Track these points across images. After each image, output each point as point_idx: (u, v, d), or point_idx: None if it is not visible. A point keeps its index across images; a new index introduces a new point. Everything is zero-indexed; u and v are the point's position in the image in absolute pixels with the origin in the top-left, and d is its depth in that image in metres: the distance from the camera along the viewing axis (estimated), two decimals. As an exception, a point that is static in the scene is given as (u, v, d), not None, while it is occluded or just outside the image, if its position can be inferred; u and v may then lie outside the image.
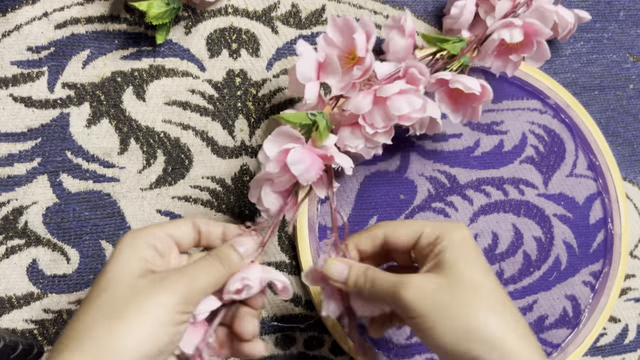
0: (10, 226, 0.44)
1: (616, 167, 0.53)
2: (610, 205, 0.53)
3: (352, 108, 0.40)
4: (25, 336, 0.44)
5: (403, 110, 0.40)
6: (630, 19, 0.56)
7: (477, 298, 0.34)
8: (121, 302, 0.31)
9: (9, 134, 0.45)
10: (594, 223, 0.53)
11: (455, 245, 0.36)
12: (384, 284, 0.36)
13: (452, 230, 0.37)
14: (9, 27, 0.45)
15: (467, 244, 0.36)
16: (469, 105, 0.46)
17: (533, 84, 0.52)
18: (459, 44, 0.44)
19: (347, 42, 0.41)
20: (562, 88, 0.53)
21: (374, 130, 0.41)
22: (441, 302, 0.33)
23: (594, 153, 0.53)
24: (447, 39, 0.45)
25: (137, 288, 0.32)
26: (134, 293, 0.31)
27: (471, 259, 0.36)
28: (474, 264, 0.35)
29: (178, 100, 0.47)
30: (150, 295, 0.31)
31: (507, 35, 0.43)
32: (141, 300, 0.31)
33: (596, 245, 0.53)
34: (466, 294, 0.34)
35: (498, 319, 0.33)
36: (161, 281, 0.32)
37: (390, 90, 0.39)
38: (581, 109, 0.53)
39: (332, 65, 0.40)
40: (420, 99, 0.40)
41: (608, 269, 0.52)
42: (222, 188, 0.48)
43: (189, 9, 0.48)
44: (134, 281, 0.32)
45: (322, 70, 0.41)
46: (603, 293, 0.52)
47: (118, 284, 0.32)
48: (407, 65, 0.42)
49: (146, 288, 0.32)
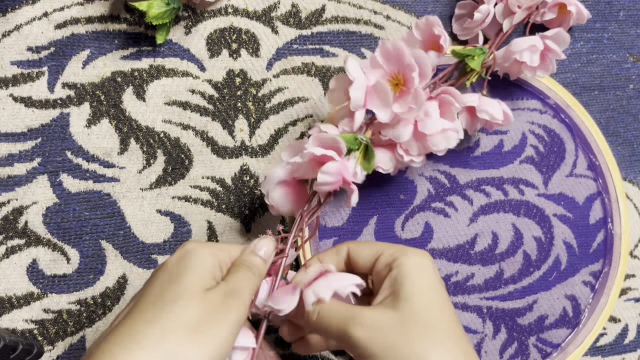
0: (10, 226, 0.44)
1: (616, 167, 0.53)
2: (610, 205, 0.53)
3: (391, 135, 0.41)
4: (25, 336, 0.44)
5: (441, 147, 0.42)
6: (630, 19, 0.56)
7: (429, 338, 0.32)
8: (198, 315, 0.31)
9: (9, 134, 0.45)
10: (594, 223, 0.53)
11: (412, 274, 0.34)
12: (333, 318, 0.34)
13: (411, 256, 0.35)
14: (9, 27, 0.45)
15: (425, 273, 0.35)
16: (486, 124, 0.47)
17: (533, 84, 0.52)
18: (481, 57, 0.45)
19: (394, 69, 0.40)
20: (562, 88, 0.53)
21: (410, 157, 0.43)
22: (392, 342, 0.32)
23: (593, 153, 0.53)
24: (472, 53, 0.45)
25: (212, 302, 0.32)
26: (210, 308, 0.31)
27: (428, 292, 0.34)
28: (430, 297, 0.34)
29: (178, 100, 0.47)
30: (224, 312, 0.32)
31: (528, 59, 0.46)
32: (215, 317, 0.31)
33: (596, 245, 0.53)
34: (418, 333, 0.32)
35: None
36: (227, 298, 0.32)
37: (432, 129, 0.41)
38: (581, 109, 0.53)
39: (384, 96, 0.39)
40: (455, 134, 0.42)
41: (608, 269, 0.52)
42: (222, 188, 0.48)
43: (189, 9, 0.48)
44: (206, 295, 0.32)
45: (370, 96, 0.40)
46: (603, 293, 0.52)
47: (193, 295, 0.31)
48: (443, 90, 0.43)
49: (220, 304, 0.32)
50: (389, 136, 0.41)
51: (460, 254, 0.50)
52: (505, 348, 0.50)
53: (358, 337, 0.33)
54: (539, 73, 0.48)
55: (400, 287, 0.34)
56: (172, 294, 0.31)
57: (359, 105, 0.39)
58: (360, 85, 0.39)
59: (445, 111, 0.43)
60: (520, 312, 0.51)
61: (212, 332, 0.31)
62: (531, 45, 0.45)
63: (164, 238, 0.46)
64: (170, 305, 0.31)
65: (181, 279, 0.32)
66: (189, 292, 0.31)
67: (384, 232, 0.49)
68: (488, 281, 0.50)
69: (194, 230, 0.47)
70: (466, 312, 0.50)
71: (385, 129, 0.42)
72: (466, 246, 0.50)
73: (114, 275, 0.46)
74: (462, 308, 0.50)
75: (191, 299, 0.31)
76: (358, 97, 0.39)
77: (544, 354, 0.51)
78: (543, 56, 0.47)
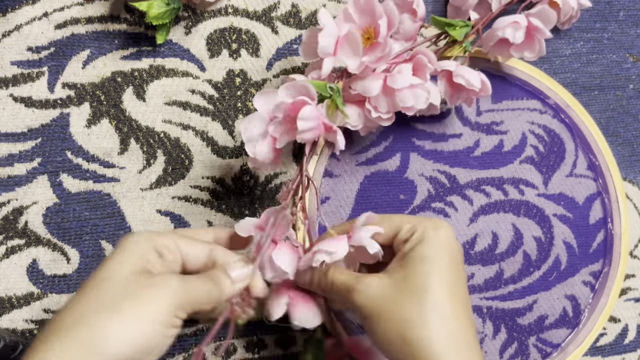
0: (11, 226, 0.44)
1: (616, 167, 0.53)
2: (610, 205, 0.53)
3: (360, 89, 0.41)
4: (26, 336, 0.44)
5: (409, 103, 0.41)
6: (630, 19, 0.56)
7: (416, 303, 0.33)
8: (119, 295, 0.31)
9: (9, 134, 0.45)
10: (594, 223, 0.53)
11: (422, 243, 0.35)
12: (340, 286, 0.36)
13: (427, 226, 0.36)
14: (9, 27, 0.45)
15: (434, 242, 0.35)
16: (466, 94, 0.47)
17: (533, 84, 0.52)
18: (464, 29, 0.46)
19: (365, 22, 0.40)
20: (562, 88, 0.53)
21: (378, 114, 0.42)
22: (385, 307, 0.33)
23: (593, 153, 0.53)
24: (454, 23, 0.46)
25: (137, 283, 0.31)
26: (133, 288, 0.31)
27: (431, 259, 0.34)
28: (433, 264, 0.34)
29: (178, 100, 0.47)
30: (149, 293, 0.31)
31: (511, 35, 0.45)
32: (139, 295, 0.31)
33: (596, 245, 0.53)
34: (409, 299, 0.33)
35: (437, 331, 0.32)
36: (161, 281, 0.32)
37: (401, 83, 0.40)
38: (581, 109, 0.53)
39: (354, 45, 0.40)
40: (425, 92, 0.41)
41: (608, 269, 0.52)
42: (222, 188, 0.48)
43: (189, 9, 0.48)
44: (133, 276, 0.32)
45: (341, 45, 0.40)
46: (603, 293, 0.52)
47: (117, 277, 0.32)
48: (416, 51, 0.43)
49: (145, 285, 0.31)
50: (358, 90, 0.41)
51: (460, 254, 0.50)
52: (505, 348, 0.50)
53: (358, 303, 0.34)
54: (527, 54, 0.47)
55: (407, 256, 0.35)
56: (96, 279, 0.32)
57: (328, 53, 0.39)
58: (329, 32, 0.39)
59: (419, 73, 0.43)
60: (520, 312, 0.51)
61: (134, 312, 0.30)
62: (513, 22, 0.45)
63: (164, 238, 0.47)
64: (91, 288, 0.31)
65: (107, 263, 0.32)
66: (113, 275, 0.32)
67: (384, 232, 0.49)
68: (488, 281, 0.50)
69: (194, 230, 0.47)
70: (466, 312, 0.50)
71: (355, 82, 0.42)
72: (466, 246, 0.50)
73: (114, 275, 0.46)
74: (462, 308, 0.50)
75: (114, 281, 0.31)
76: (327, 44, 0.39)
77: (544, 354, 0.51)
78: (529, 35, 0.46)
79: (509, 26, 0.45)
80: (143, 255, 0.33)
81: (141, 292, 0.31)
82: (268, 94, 0.40)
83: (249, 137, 0.39)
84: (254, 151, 0.39)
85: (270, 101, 0.39)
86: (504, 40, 0.46)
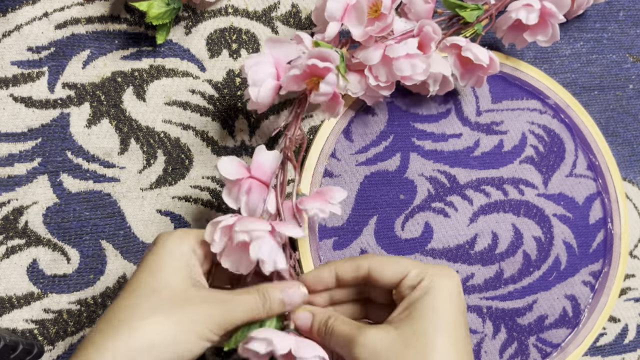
0: (11, 226, 0.44)
1: (616, 168, 0.53)
2: (610, 205, 0.53)
3: (361, 57, 0.43)
4: (26, 336, 0.44)
5: (405, 72, 0.42)
6: (630, 19, 0.56)
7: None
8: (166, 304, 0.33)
9: (9, 134, 0.45)
10: (594, 223, 0.53)
11: (429, 295, 0.34)
12: (340, 336, 0.35)
13: (436, 276, 0.35)
14: (9, 27, 0.45)
15: (443, 294, 0.34)
16: (475, 73, 0.47)
17: (533, 84, 0.52)
18: (475, 11, 0.46)
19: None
20: (562, 88, 0.53)
21: (377, 82, 0.44)
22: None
23: (593, 153, 0.53)
24: (466, 5, 0.47)
25: (189, 298, 0.34)
26: (181, 300, 0.34)
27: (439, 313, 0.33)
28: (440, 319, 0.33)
29: (178, 100, 0.47)
30: (196, 308, 0.33)
31: (524, 16, 0.46)
32: (186, 308, 0.33)
33: (596, 245, 0.53)
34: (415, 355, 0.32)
35: None
36: (209, 300, 0.34)
37: (397, 52, 0.42)
38: (581, 109, 0.53)
39: (360, 14, 0.42)
40: (423, 63, 0.43)
41: (608, 269, 0.52)
42: (222, 188, 0.48)
43: (189, 9, 0.48)
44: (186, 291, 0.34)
45: (348, 13, 0.42)
46: (603, 293, 0.52)
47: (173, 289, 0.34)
48: (422, 24, 0.43)
49: (193, 300, 0.34)
50: (360, 58, 0.43)
51: (460, 254, 0.50)
52: (505, 348, 0.50)
53: (361, 357, 0.33)
54: (540, 38, 0.48)
55: (414, 307, 0.34)
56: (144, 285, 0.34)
57: (335, 17, 0.42)
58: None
59: (424, 46, 0.44)
60: (520, 312, 0.51)
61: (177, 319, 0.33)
62: (526, 4, 0.46)
63: (164, 238, 0.47)
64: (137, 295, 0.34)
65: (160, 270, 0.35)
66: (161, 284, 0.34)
67: (384, 232, 0.49)
68: (488, 281, 0.50)
69: (194, 230, 0.47)
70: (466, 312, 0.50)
71: (357, 52, 0.44)
72: (466, 246, 0.50)
73: (114, 275, 0.46)
74: (462, 308, 0.50)
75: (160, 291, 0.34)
76: (334, 8, 0.41)
77: (543, 354, 0.51)
78: (543, 19, 0.47)
79: (522, 8, 0.46)
80: (189, 263, 0.35)
81: (188, 306, 0.33)
82: (282, 43, 0.41)
83: (254, 80, 0.40)
84: (257, 95, 0.40)
85: (282, 51, 0.41)
86: (517, 24, 0.47)
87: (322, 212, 0.39)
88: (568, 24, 0.55)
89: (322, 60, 0.38)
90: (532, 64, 0.53)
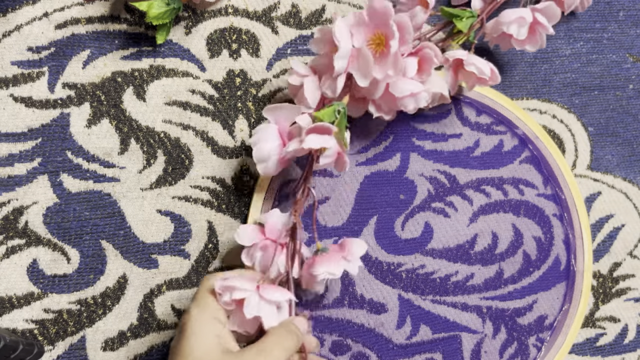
0: (11, 226, 0.44)
1: (582, 202, 0.52)
2: (574, 242, 0.52)
3: (364, 92, 0.43)
4: (26, 336, 0.44)
5: (410, 107, 0.43)
6: (630, 19, 0.56)
7: None
8: None
9: (9, 134, 0.45)
10: (593, 223, 0.53)
11: None
12: None
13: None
14: (9, 27, 0.45)
15: None
16: (473, 81, 0.47)
17: (502, 113, 0.51)
18: (470, 19, 0.47)
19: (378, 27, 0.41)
20: (532, 119, 0.51)
21: (380, 113, 0.44)
22: None
23: (560, 187, 0.52)
24: (461, 14, 0.46)
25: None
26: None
27: None
28: None
29: (178, 101, 0.47)
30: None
31: (515, 32, 0.46)
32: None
33: (595, 245, 0.53)
34: None
35: None
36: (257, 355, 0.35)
37: (402, 92, 0.42)
38: (549, 140, 0.52)
39: (366, 65, 0.41)
40: (426, 94, 0.43)
41: (565, 317, 0.52)
42: (222, 188, 0.48)
43: (189, 9, 0.48)
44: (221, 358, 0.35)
45: (352, 60, 0.41)
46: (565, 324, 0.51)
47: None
48: (423, 45, 0.44)
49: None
50: (362, 93, 0.43)
51: (460, 254, 0.50)
52: (505, 348, 0.50)
53: None
54: (528, 47, 0.48)
55: None
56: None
57: (341, 73, 0.41)
58: (344, 53, 0.40)
59: (424, 67, 0.44)
60: (520, 312, 0.51)
61: None
62: (519, 18, 0.46)
63: (164, 238, 0.47)
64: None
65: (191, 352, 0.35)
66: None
67: (384, 232, 0.49)
68: (488, 281, 0.50)
69: (194, 230, 0.47)
70: (466, 312, 0.50)
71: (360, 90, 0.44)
72: (466, 246, 0.50)
73: (114, 275, 0.46)
74: (462, 308, 0.50)
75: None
76: (342, 65, 0.41)
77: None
78: (532, 29, 0.47)
79: (515, 22, 0.46)
80: (215, 333, 0.36)
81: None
82: (282, 109, 0.42)
83: (259, 158, 0.42)
84: (264, 170, 0.42)
85: (283, 115, 0.42)
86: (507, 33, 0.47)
87: (332, 275, 0.41)
88: (568, 24, 0.55)
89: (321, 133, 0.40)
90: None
